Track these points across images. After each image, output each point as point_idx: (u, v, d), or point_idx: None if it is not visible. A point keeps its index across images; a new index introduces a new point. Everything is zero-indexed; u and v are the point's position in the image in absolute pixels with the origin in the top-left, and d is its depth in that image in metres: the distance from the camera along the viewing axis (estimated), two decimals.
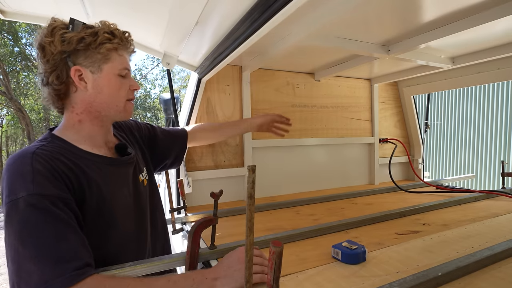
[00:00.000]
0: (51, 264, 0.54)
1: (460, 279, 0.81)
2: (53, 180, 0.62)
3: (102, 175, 0.75)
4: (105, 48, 0.73)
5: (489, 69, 1.83)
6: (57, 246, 0.56)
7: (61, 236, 0.58)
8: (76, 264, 0.56)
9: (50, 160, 0.64)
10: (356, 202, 1.77)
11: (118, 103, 0.79)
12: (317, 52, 1.68)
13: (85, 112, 0.76)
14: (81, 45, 0.71)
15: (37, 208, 0.58)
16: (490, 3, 1.06)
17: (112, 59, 0.76)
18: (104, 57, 0.74)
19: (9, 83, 10.53)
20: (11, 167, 0.61)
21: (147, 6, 1.10)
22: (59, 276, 0.54)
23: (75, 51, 0.72)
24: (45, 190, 0.60)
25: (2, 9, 1.20)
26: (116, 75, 0.77)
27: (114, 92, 0.77)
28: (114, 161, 0.81)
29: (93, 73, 0.74)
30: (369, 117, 2.38)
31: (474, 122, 6.37)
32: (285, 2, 0.78)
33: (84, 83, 0.74)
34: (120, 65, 0.78)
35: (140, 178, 0.90)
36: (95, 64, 0.74)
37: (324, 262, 0.95)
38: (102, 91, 0.76)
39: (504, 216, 1.40)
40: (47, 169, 0.62)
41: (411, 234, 1.19)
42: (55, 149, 0.68)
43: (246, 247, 0.50)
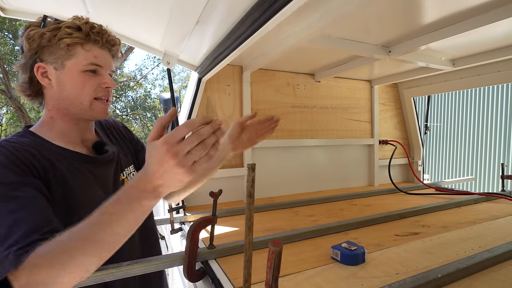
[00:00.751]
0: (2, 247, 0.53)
1: (460, 281, 0.81)
2: (15, 169, 0.62)
3: (72, 170, 0.72)
4: (64, 43, 0.70)
5: (489, 72, 1.83)
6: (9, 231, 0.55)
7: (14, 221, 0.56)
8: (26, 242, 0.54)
9: (15, 150, 0.64)
10: (355, 204, 1.77)
11: (82, 101, 0.75)
12: (317, 53, 1.68)
13: (54, 109, 0.75)
14: (43, 41, 0.70)
15: None
16: (490, 5, 1.06)
17: (76, 55, 0.73)
18: (67, 53, 0.72)
19: (9, 81, 10.52)
20: None
21: (147, 4, 1.10)
22: (6, 256, 0.52)
23: (41, 48, 0.71)
24: (4, 179, 0.59)
25: (2, 6, 1.20)
26: (79, 72, 0.73)
27: (76, 89, 0.74)
28: (89, 159, 0.78)
29: (56, 70, 0.73)
30: (369, 118, 2.38)
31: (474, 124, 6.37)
32: (285, 1, 0.78)
33: (48, 80, 0.73)
34: (85, 60, 0.73)
35: (120, 177, 0.87)
36: (58, 60, 0.72)
37: (323, 263, 0.94)
38: (65, 87, 0.74)
39: (504, 218, 1.40)
40: (9, 160, 0.62)
41: (411, 236, 1.18)
42: (24, 141, 0.68)
43: (245, 246, 0.50)
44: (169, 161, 0.49)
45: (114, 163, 0.85)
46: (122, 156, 0.90)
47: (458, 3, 1.06)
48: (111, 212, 0.52)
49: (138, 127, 15.57)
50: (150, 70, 16.32)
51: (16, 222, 0.56)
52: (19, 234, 0.54)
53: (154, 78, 18.50)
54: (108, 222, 0.51)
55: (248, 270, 0.51)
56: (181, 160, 0.49)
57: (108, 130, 0.95)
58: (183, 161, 0.49)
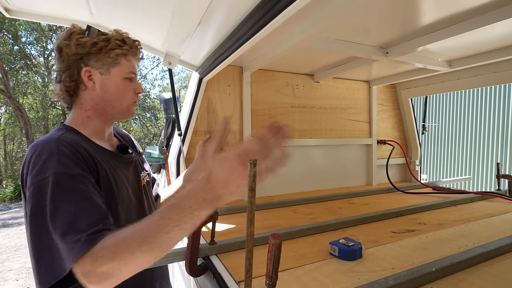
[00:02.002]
0: (70, 235, 0.58)
1: (453, 275, 0.84)
2: (77, 161, 0.68)
3: (110, 166, 0.81)
4: (115, 53, 0.81)
5: (485, 73, 1.87)
6: (76, 219, 0.60)
7: (81, 209, 0.62)
8: (93, 230, 0.59)
9: (74, 144, 0.71)
10: (353, 202, 1.79)
11: (122, 103, 0.85)
12: (316, 54, 1.70)
13: (92, 109, 0.83)
14: (94, 49, 0.79)
15: (62, 186, 0.63)
16: (486, 7, 1.09)
17: (121, 64, 0.83)
18: (113, 61, 0.82)
19: (8, 81, 10.51)
20: (37, 152, 0.67)
21: (150, 6, 1.13)
22: (77, 243, 0.56)
23: (88, 54, 0.79)
24: (70, 170, 0.65)
25: (7, 7, 1.22)
26: (122, 78, 0.84)
27: (119, 93, 0.84)
28: (117, 156, 0.87)
29: (102, 75, 0.82)
30: (367, 118, 2.41)
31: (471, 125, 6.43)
32: (286, 4, 0.80)
33: (93, 83, 0.81)
34: (127, 69, 0.85)
35: (141, 177, 0.95)
36: (104, 66, 0.81)
37: (321, 258, 0.97)
38: (109, 91, 0.83)
39: (499, 216, 1.43)
40: (71, 152, 0.68)
41: (407, 233, 1.21)
42: (74, 137, 0.75)
43: (247, 237, 0.52)
44: (242, 171, 0.54)
45: (134, 164, 0.93)
46: (138, 161, 0.99)
47: (454, 5, 1.09)
48: (170, 217, 0.56)
49: (137, 127, 15.58)
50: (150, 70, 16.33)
51: (82, 211, 0.61)
52: (86, 223, 0.59)
53: (154, 78, 18.53)
54: (168, 226, 0.55)
55: (250, 260, 0.53)
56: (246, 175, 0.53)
57: (124, 139, 1.04)
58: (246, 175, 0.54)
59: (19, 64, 11.45)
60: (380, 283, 0.74)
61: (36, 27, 11.14)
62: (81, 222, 0.59)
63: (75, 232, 0.58)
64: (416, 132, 2.54)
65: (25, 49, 11.55)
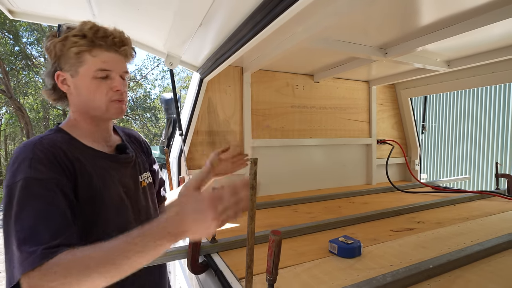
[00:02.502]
0: (27, 244, 0.57)
1: (451, 272, 0.85)
2: (50, 165, 0.66)
3: (96, 167, 0.77)
4: (73, 52, 0.74)
5: (484, 73, 1.88)
6: (36, 227, 0.60)
7: (43, 217, 0.61)
8: (51, 244, 0.58)
9: (50, 147, 0.69)
10: (353, 201, 1.81)
11: (99, 104, 0.79)
12: (316, 54, 1.72)
13: (77, 112, 0.80)
14: (57, 51, 0.75)
15: (29, 191, 0.62)
16: (484, 8, 1.10)
17: (86, 62, 0.75)
18: (77, 61, 0.75)
19: (9, 81, 10.54)
20: (15, 156, 0.67)
21: (152, 7, 1.14)
22: (31, 255, 0.56)
23: (58, 57, 0.75)
24: (40, 174, 0.64)
25: (11, 9, 1.24)
26: (91, 78, 0.76)
27: (91, 95, 0.77)
28: (111, 157, 0.83)
29: (72, 77, 0.76)
30: (367, 118, 2.43)
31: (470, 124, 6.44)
32: (286, 5, 0.82)
33: (67, 87, 0.77)
34: (94, 66, 0.76)
35: (140, 179, 0.91)
36: (72, 67, 0.76)
37: (321, 256, 0.98)
38: (81, 93, 0.78)
39: (497, 215, 1.44)
40: (45, 156, 0.67)
41: (406, 231, 1.23)
42: (57, 139, 0.73)
43: (248, 234, 0.54)
44: (209, 214, 0.56)
45: (132, 165, 0.89)
46: (140, 161, 0.94)
47: (452, 6, 1.10)
48: (136, 242, 0.57)
49: (138, 127, 15.59)
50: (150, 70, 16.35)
51: (44, 220, 0.60)
52: (45, 234, 0.58)
53: (154, 78, 18.53)
54: (131, 251, 0.57)
55: (251, 257, 0.55)
56: (218, 215, 0.57)
57: (130, 138, 1.00)
58: (219, 216, 0.57)
59: (20, 65, 11.47)
60: (379, 280, 0.76)
61: (37, 27, 11.17)
62: (41, 232, 0.59)
63: (32, 243, 0.57)
64: (416, 132, 2.55)
65: (26, 49, 11.57)
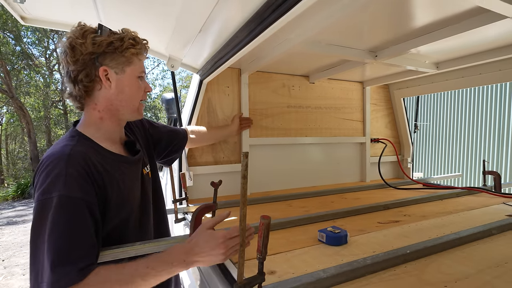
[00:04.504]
0: (60, 264, 0.64)
1: (427, 257, 0.94)
2: (82, 182, 0.71)
3: (120, 172, 0.85)
4: (130, 53, 0.83)
5: (472, 74, 1.96)
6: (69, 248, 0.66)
7: (76, 238, 0.68)
8: (83, 265, 0.66)
9: (83, 161, 0.73)
10: (345, 197, 1.90)
11: (134, 103, 0.89)
12: (310, 56, 1.80)
13: (106, 109, 0.85)
14: (110, 48, 0.80)
15: (63, 210, 0.67)
16: (468, 13, 1.17)
17: (134, 63, 0.86)
18: (127, 61, 0.84)
19: (10, 81, 10.63)
20: (48, 167, 0.70)
21: (156, 13, 1.23)
22: (66, 275, 0.63)
23: (104, 53, 0.80)
24: (73, 193, 0.69)
25: (23, 15, 1.32)
26: (136, 77, 0.87)
27: (133, 92, 0.87)
28: (127, 160, 0.91)
29: (117, 74, 0.83)
30: (361, 118, 2.51)
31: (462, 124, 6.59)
32: (277, 16, 0.90)
33: (109, 82, 0.83)
34: (140, 68, 0.88)
35: (144, 171, 1.00)
36: (119, 66, 0.83)
37: (310, 244, 1.07)
38: (124, 90, 0.85)
39: (479, 209, 1.53)
40: (78, 172, 0.71)
41: (392, 223, 1.31)
42: (85, 149, 0.77)
43: (240, 217, 0.62)
44: (220, 250, 0.72)
45: (141, 160, 0.98)
46: (144, 153, 1.03)
47: (439, 11, 1.17)
48: (153, 267, 0.70)
49: None
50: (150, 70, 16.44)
51: (75, 240, 0.67)
52: (77, 255, 0.66)
53: (154, 78, 18.61)
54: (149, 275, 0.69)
55: (243, 237, 0.64)
56: (227, 251, 0.73)
57: (131, 128, 1.06)
58: (227, 252, 0.73)
59: (21, 64, 11.55)
60: (359, 262, 0.84)
61: (38, 28, 11.24)
62: (73, 253, 0.66)
63: (66, 263, 0.64)
64: (408, 131, 2.64)
65: (27, 49, 11.66)
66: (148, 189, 1.01)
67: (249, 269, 0.86)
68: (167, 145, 1.27)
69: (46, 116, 12.74)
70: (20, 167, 13.23)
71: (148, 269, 0.69)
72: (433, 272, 0.85)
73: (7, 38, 10.71)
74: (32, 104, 12.60)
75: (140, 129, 1.11)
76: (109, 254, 0.80)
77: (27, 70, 11.86)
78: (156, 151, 1.21)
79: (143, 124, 1.16)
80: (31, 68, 11.80)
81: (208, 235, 0.75)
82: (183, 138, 1.38)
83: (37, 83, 12.24)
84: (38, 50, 12.52)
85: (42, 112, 12.68)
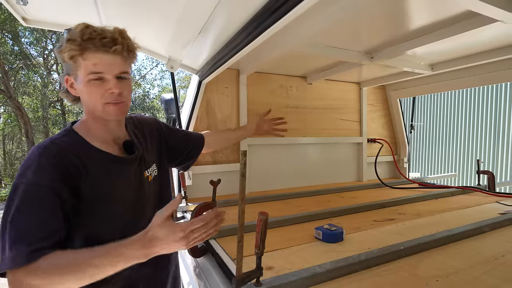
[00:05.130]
0: (16, 243, 0.67)
1: (420, 253, 0.97)
2: (53, 172, 0.73)
3: (103, 169, 0.84)
4: (67, 58, 0.75)
5: (466, 75, 2.00)
6: (27, 228, 0.69)
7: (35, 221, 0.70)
8: (36, 246, 0.67)
9: (56, 152, 0.75)
10: (342, 196, 1.93)
11: (96, 107, 0.81)
12: (308, 58, 1.83)
13: (87, 112, 0.87)
14: (60, 57, 0.80)
15: (29, 194, 0.70)
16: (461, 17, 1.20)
17: (80, 66, 0.76)
18: (74, 65, 0.77)
19: (8, 81, 10.60)
20: (28, 156, 0.75)
21: (156, 15, 1.25)
22: (18, 254, 0.66)
23: (64, 62, 0.80)
24: (41, 181, 0.71)
25: (24, 16, 1.34)
26: (86, 82, 0.77)
27: (87, 98, 0.81)
28: (118, 159, 0.89)
29: (75, 81, 0.81)
30: (358, 118, 2.54)
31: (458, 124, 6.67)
32: (276, 19, 0.93)
33: (74, 90, 0.83)
34: (85, 70, 0.76)
35: (145, 174, 0.97)
36: (74, 72, 0.79)
37: (307, 241, 1.10)
38: (82, 96, 0.83)
39: (473, 208, 1.56)
40: (48, 162, 0.73)
41: (387, 221, 1.34)
42: (67, 142, 0.79)
43: (239, 213, 0.65)
44: (180, 242, 0.70)
45: (138, 162, 0.94)
46: (146, 155, 0.99)
47: (434, 15, 1.21)
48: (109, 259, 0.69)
49: None
50: (149, 70, 16.44)
51: (36, 224, 0.70)
52: (34, 238, 0.68)
53: (153, 78, 18.60)
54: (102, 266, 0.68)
55: (241, 232, 0.66)
56: (188, 243, 0.71)
57: (140, 129, 1.03)
58: (189, 244, 0.71)
59: (19, 64, 11.53)
60: (354, 258, 0.87)
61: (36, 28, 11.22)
62: (31, 234, 0.68)
63: (23, 243, 0.67)
64: (405, 131, 2.67)
65: (25, 49, 11.63)
66: (147, 192, 0.97)
67: (247, 264, 0.88)
68: (183, 150, 1.24)
69: (44, 116, 12.71)
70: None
71: (103, 261, 0.69)
72: (426, 267, 0.87)
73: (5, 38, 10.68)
74: (30, 104, 12.56)
75: (154, 131, 1.09)
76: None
77: (25, 70, 11.83)
78: (172, 156, 1.18)
79: (159, 127, 1.13)
80: (29, 68, 11.77)
81: (167, 228, 0.70)
82: (200, 144, 1.32)
83: (35, 83, 12.21)
84: (36, 50, 12.49)
85: (40, 112, 12.65)
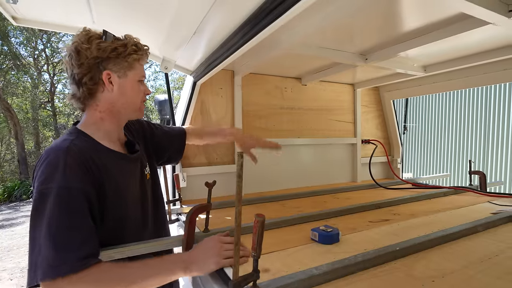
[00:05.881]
0: (59, 251, 0.65)
1: (416, 254, 0.97)
2: (81, 174, 0.73)
3: (118, 169, 0.88)
4: (132, 58, 0.88)
5: (458, 77, 2.03)
6: (68, 236, 0.68)
7: (75, 227, 0.69)
8: (81, 254, 0.67)
9: (81, 155, 0.77)
10: (338, 197, 1.93)
11: (136, 104, 0.94)
12: (303, 59, 1.83)
13: (107, 110, 0.89)
14: (113, 53, 0.85)
15: (63, 200, 0.69)
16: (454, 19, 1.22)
17: (135, 67, 0.91)
18: (129, 65, 0.89)
19: None
20: (48, 160, 0.73)
21: (150, 15, 1.23)
22: (64, 263, 0.64)
23: (108, 58, 0.85)
24: (72, 183, 0.71)
25: (14, 15, 1.31)
26: (136, 81, 0.92)
27: (134, 95, 0.93)
28: (125, 157, 0.94)
29: (120, 78, 0.88)
30: (352, 119, 2.56)
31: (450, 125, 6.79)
32: (271, 20, 0.92)
33: (112, 86, 0.87)
34: (141, 73, 0.93)
35: (145, 172, 1.03)
36: (121, 70, 0.88)
37: (303, 243, 1.09)
38: (126, 93, 0.90)
39: (466, 208, 1.58)
40: (77, 164, 0.74)
41: (382, 222, 1.35)
42: (84, 144, 0.81)
43: (235, 215, 0.64)
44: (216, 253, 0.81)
45: (139, 159, 1.00)
46: (144, 155, 1.05)
47: (427, 17, 1.22)
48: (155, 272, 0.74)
49: None
50: None
51: (75, 229, 0.69)
52: (77, 244, 0.68)
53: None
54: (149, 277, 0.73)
55: (238, 234, 0.65)
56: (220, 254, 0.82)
57: (132, 130, 1.09)
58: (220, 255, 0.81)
59: (8, 65, 11.31)
60: (350, 259, 0.87)
61: (26, 27, 11.03)
62: (73, 242, 0.67)
63: (66, 251, 0.66)
64: (398, 132, 2.70)
65: (15, 49, 11.42)
66: (148, 190, 1.02)
67: (244, 267, 0.88)
68: (167, 147, 1.26)
69: (34, 117, 12.48)
70: (7, 169, 12.90)
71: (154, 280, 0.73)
72: (421, 268, 0.88)
73: None
74: (20, 106, 12.33)
75: (139, 131, 1.13)
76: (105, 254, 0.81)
77: (14, 70, 11.61)
78: (157, 153, 1.21)
79: (142, 126, 1.17)
80: (18, 69, 11.55)
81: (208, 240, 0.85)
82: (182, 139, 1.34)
83: (25, 84, 11.99)
84: (26, 50, 12.28)
85: (29, 114, 12.42)
